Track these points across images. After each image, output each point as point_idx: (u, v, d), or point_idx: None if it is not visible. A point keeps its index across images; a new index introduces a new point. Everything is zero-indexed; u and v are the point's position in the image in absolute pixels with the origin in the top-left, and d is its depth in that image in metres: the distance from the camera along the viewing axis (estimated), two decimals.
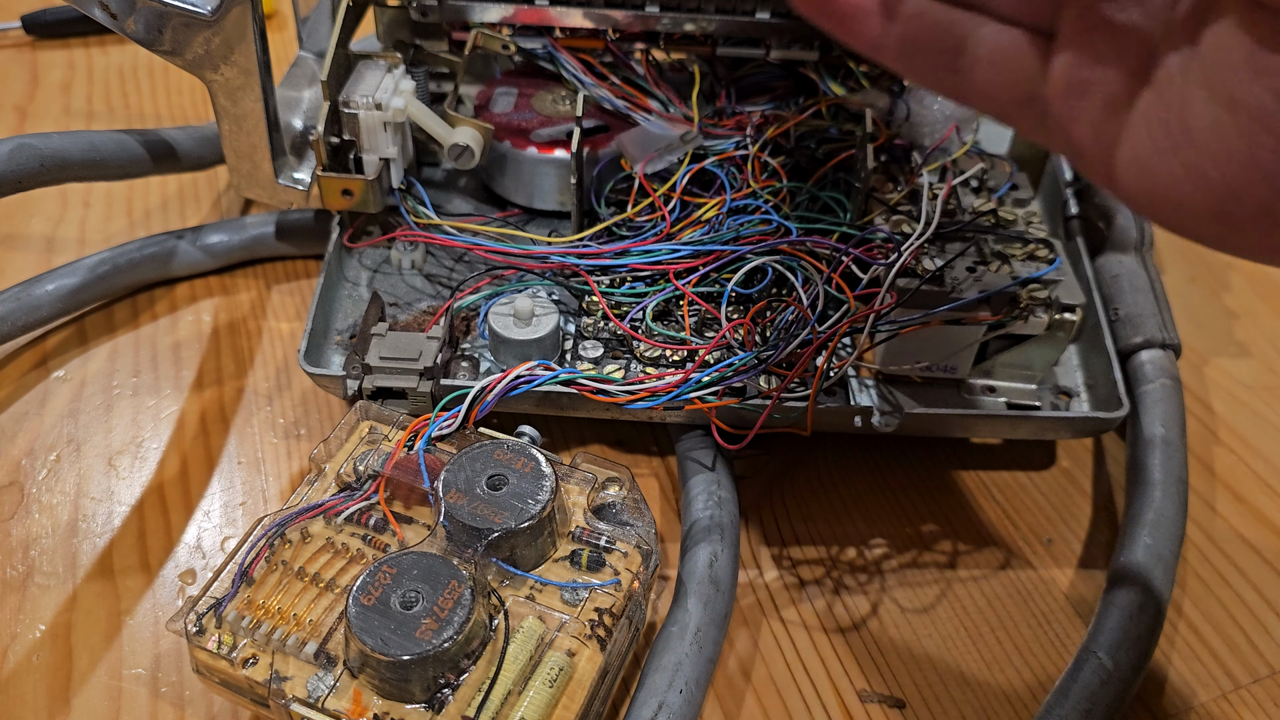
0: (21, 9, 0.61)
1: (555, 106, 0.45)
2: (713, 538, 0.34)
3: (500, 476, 0.31)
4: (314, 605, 0.29)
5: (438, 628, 0.27)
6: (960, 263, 0.37)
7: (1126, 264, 0.42)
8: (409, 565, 0.28)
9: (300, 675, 0.27)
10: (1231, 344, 0.47)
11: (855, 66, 0.44)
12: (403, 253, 0.42)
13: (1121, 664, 0.30)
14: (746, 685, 0.33)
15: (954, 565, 0.37)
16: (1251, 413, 0.43)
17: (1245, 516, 0.39)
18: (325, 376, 0.36)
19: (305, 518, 0.31)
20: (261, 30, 0.37)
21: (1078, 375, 0.40)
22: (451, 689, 0.27)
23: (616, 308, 0.38)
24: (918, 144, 0.43)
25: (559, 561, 0.31)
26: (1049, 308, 0.36)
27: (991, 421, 0.37)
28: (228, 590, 0.29)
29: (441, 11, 0.43)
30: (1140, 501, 0.35)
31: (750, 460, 0.40)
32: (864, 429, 0.36)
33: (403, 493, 0.32)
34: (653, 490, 0.39)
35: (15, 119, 0.55)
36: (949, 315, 0.36)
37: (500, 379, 0.34)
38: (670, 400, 0.34)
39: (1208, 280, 0.50)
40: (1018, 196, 0.42)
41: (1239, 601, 0.36)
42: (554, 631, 0.29)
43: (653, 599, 0.34)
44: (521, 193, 0.44)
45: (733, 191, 0.41)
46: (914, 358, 0.38)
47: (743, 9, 0.42)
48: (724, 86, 0.46)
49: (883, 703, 0.33)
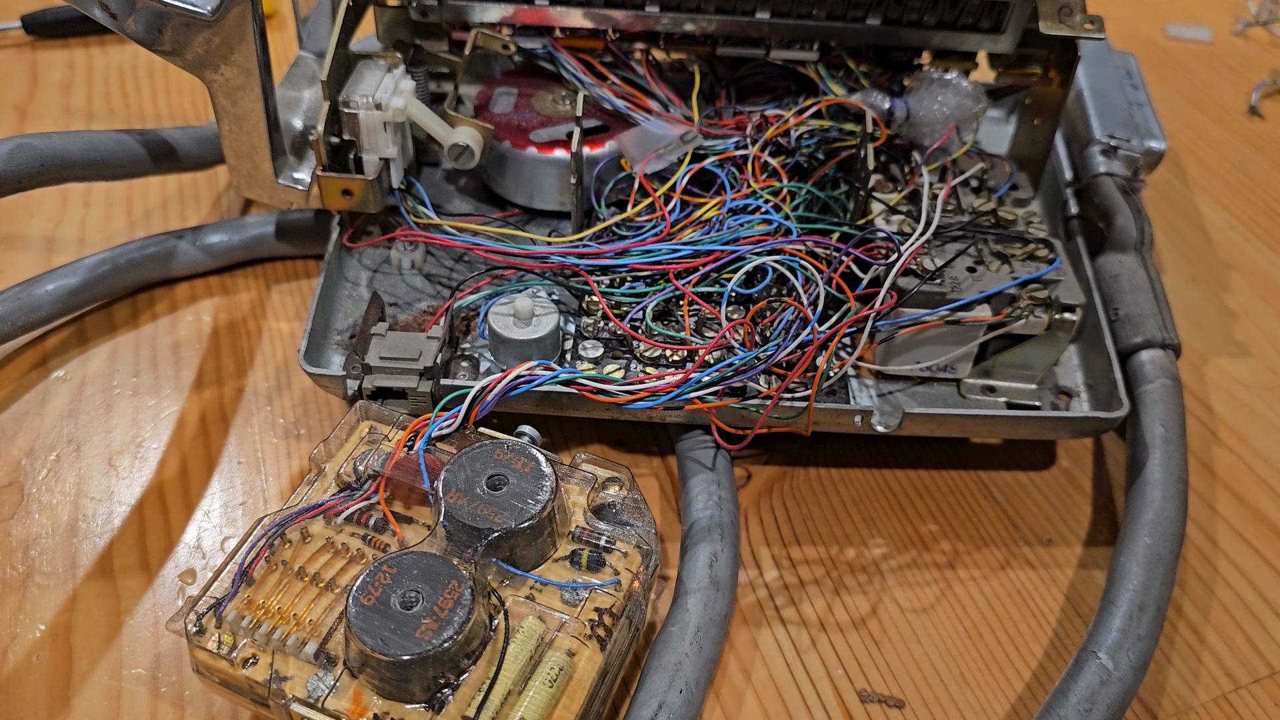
0: (21, 9, 0.61)
1: (555, 106, 0.45)
2: (713, 538, 0.34)
3: (500, 476, 0.31)
4: (314, 605, 0.29)
5: (438, 628, 0.27)
6: (960, 263, 0.37)
7: (1126, 264, 0.42)
8: (409, 565, 0.28)
9: (300, 675, 0.27)
10: (1231, 344, 0.47)
11: (855, 66, 0.44)
12: (403, 253, 0.42)
13: (1122, 664, 0.30)
14: (746, 685, 0.33)
15: (954, 565, 0.37)
16: (1251, 413, 0.43)
17: (1245, 516, 0.39)
18: (325, 376, 0.36)
19: (305, 518, 0.31)
20: (261, 30, 0.37)
21: (1078, 375, 0.40)
22: (451, 689, 0.27)
23: (616, 308, 0.38)
24: (918, 144, 0.43)
25: (559, 561, 0.31)
26: (1049, 308, 0.36)
27: (991, 422, 0.37)
28: (228, 590, 0.29)
29: (441, 11, 0.43)
30: (1140, 501, 0.35)
31: (750, 460, 0.40)
32: (864, 429, 0.36)
33: (403, 493, 0.32)
34: (653, 490, 0.39)
35: (15, 119, 0.55)
36: (949, 315, 0.36)
37: (500, 379, 0.33)
38: (670, 400, 0.34)
39: (1208, 280, 0.50)
40: (1018, 196, 0.42)
41: (1239, 601, 0.36)
42: (554, 631, 0.29)
43: (653, 599, 0.34)
44: (521, 193, 0.44)
45: (733, 191, 0.41)
46: (914, 358, 0.38)
47: (742, 9, 0.42)
48: (724, 86, 0.46)
49: (883, 703, 0.33)
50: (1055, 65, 0.43)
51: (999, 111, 0.52)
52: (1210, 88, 0.64)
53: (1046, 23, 0.40)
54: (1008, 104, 0.52)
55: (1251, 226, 0.53)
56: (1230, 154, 0.59)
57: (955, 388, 0.39)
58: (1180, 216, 0.54)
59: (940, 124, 0.42)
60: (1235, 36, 0.69)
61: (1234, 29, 0.70)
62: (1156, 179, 0.56)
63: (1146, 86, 0.51)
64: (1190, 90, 0.64)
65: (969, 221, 0.39)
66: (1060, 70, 0.43)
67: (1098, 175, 0.45)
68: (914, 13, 0.42)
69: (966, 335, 0.37)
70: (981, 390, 0.38)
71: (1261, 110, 0.62)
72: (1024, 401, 0.38)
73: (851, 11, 0.42)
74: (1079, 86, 0.50)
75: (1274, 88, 0.64)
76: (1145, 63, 0.62)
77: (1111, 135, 0.47)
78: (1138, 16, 0.71)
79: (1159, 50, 0.67)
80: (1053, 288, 0.37)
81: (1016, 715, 0.33)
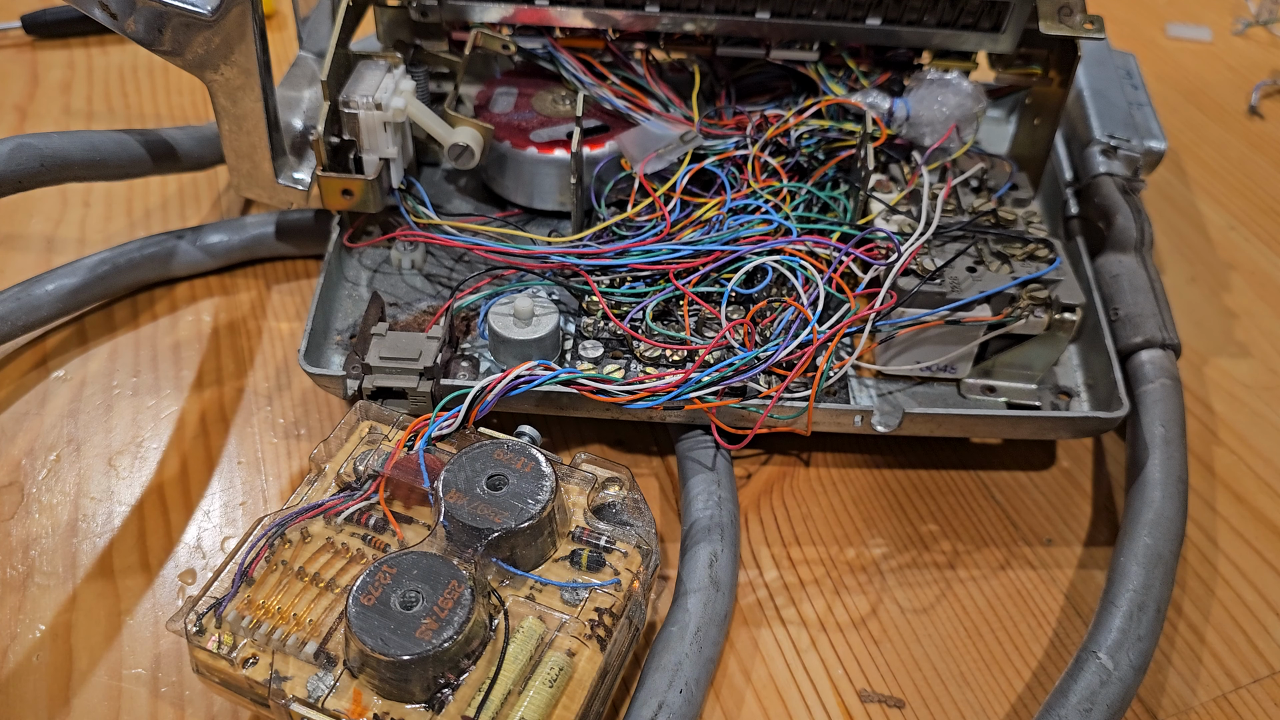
0: (21, 9, 0.61)
1: (555, 106, 0.45)
2: (713, 538, 0.34)
3: (500, 476, 0.31)
4: (314, 605, 0.29)
5: (438, 628, 0.27)
6: (960, 262, 0.37)
7: (1126, 264, 0.42)
8: (409, 565, 0.28)
9: (300, 675, 0.27)
10: (1231, 344, 0.47)
11: (855, 66, 0.44)
12: (403, 253, 0.42)
13: (1122, 664, 0.30)
14: (746, 685, 0.33)
15: (954, 565, 0.37)
16: (1251, 412, 0.43)
17: (1245, 516, 0.39)
18: (325, 376, 0.36)
19: (305, 518, 0.31)
20: (261, 30, 0.37)
21: (1078, 375, 0.40)
22: (451, 689, 0.27)
23: (616, 307, 0.38)
24: (918, 144, 0.43)
25: (559, 561, 0.31)
26: (1049, 308, 0.36)
27: (991, 421, 0.37)
28: (228, 590, 0.29)
29: (441, 11, 0.43)
30: (1140, 501, 0.35)
31: (750, 460, 0.40)
32: (864, 429, 0.36)
33: (403, 493, 0.32)
34: (653, 490, 0.39)
35: (15, 119, 0.55)
36: (949, 315, 0.36)
37: (500, 379, 0.33)
38: (670, 400, 0.34)
39: (1208, 280, 0.50)
40: (1018, 196, 0.42)
41: (1239, 601, 0.36)
42: (554, 631, 0.29)
43: (653, 599, 0.34)
44: (521, 193, 0.44)
45: (733, 191, 0.41)
46: (914, 358, 0.38)
47: (742, 9, 0.42)
48: (724, 86, 0.46)
49: (883, 703, 0.33)
50: (1055, 65, 0.43)
51: (999, 111, 0.52)
52: (1210, 88, 0.64)
53: (1046, 23, 0.40)
54: (1008, 104, 0.52)
55: (1251, 226, 0.53)
56: (1230, 154, 0.59)
57: (955, 388, 0.39)
58: (1180, 216, 0.54)
59: (940, 124, 0.42)
60: (1235, 36, 0.69)
61: (1234, 29, 0.70)
62: (1156, 179, 0.56)
63: (1146, 86, 0.51)
64: (1190, 90, 0.64)
65: (969, 221, 0.39)
66: (1060, 70, 0.43)
67: (1098, 175, 0.45)
68: (914, 12, 0.42)
69: (966, 335, 0.37)
70: (982, 390, 0.38)
71: (1261, 110, 0.62)
72: (1024, 401, 0.38)
73: (851, 11, 0.42)
74: (1079, 86, 0.50)
75: (1274, 88, 0.64)
76: (1145, 63, 0.62)
77: (1111, 135, 0.47)
78: (1138, 16, 0.71)
79: (1159, 50, 0.67)
80: (1053, 288, 0.37)
81: (1016, 715, 0.33)
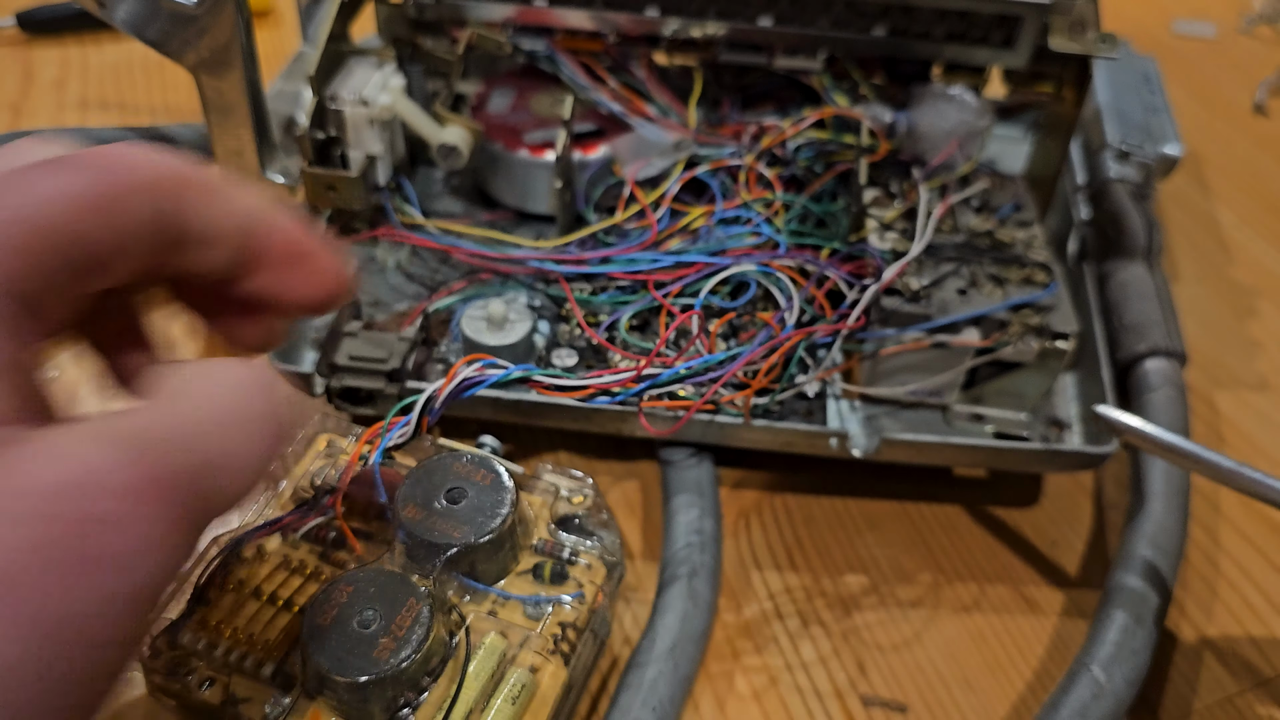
0: (15, 6, 0.60)
1: (552, 108, 0.44)
2: (693, 553, 0.33)
3: (459, 490, 0.30)
4: (271, 626, 0.28)
5: (395, 647, 0.26)
6: (951, 284, 0.36)
7: (1134, 271, 0.41)
8: (366, 583, 0.27)
9: (258, 697, 0.26)
10: (1237, 343, 0.46)
11: (861, 78, 0.43)
12: (388, 252, 0.41)
13: (1115, 678, 0.30)
14: (746, 688, 0.33)
15: (957, 568, 0.36)
16: (1257, 413, 0.43)
17: (1249, 518, 0.38)
18: (294, 374, 0.36)
19: (261, 535, 0.30)
20: (247, 22, 0.36)
21: (1073, 407, 0.39)
22: (412, 708, 0.26)
23: (597, 315, 0.38)
24: (921, 159, 0.41)
25: (521, 575, 0.30)
26: (1040, 335, 0.35)
27: (973, 452, 0.36)
28: (182, 611, 0.28)
29: (439, 9, 0.42)
30: (1140, 514, 0.34)
31: (742, 469, 0.39)
32: (840, 453, 0.35)
33: (361, 507, 0.31)
34: (633, 498, 0.38)
35: (9, 117, 0.54)
36: (928, 337, 0.35)
37: (446, 382, 0.32)
38: (623, 399, 0.33)
39: (1213, 278, 0.49)
40: (1021, 218, 0.40)
41: (1244, 604, 0.36)
42: (516, 647, 0.28)
43: (631, 614, 0.34)
44: (513, 194, 0.44)
45: (725, 202, 0.40)
46: (900, 381, 0.37)
47: (745, 14, 0.41)
48: (728, 94, 0.45)
49: (885, 707, 0.32)
50: (1069, 83, 0.42)
51: (1017, 130, 0.50)
52: (1216, 84, 0.63)
53: (1057, 39, 0.39)
54: (1025, 122, 0.50)
55: (1257, 224, 0.52)
56: (1236, 151, 0.58)
57: (942, 413, 0.37)
58: (1185, 214, 0.53)
59: (941, 139, 0.40)
60: (1241, 33, 0.68)
61: (1240, 25, 0.69)
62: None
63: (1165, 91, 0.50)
64: (1195, 87, 0.63)
65: (963, 242, 0.38)
66: (1073, 88, 0.41)
67: (1108, 181, 0.44)
68: (922, 24, 0.41)
69: (953, 360, 0.36)
70: (970, 418, 0.37)
71: (1267, 107, 0.61)
72: (1013, 431, 0.37)
73: (857, 21, 0.41)
74: (1095, 91, 0.48)
75: None
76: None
77: (1125, 140, 0.45)
78: (1144, 13, 0.70)
79: (1164, 47, 0.66)
80: (1046, 314, 0.35)
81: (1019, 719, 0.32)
